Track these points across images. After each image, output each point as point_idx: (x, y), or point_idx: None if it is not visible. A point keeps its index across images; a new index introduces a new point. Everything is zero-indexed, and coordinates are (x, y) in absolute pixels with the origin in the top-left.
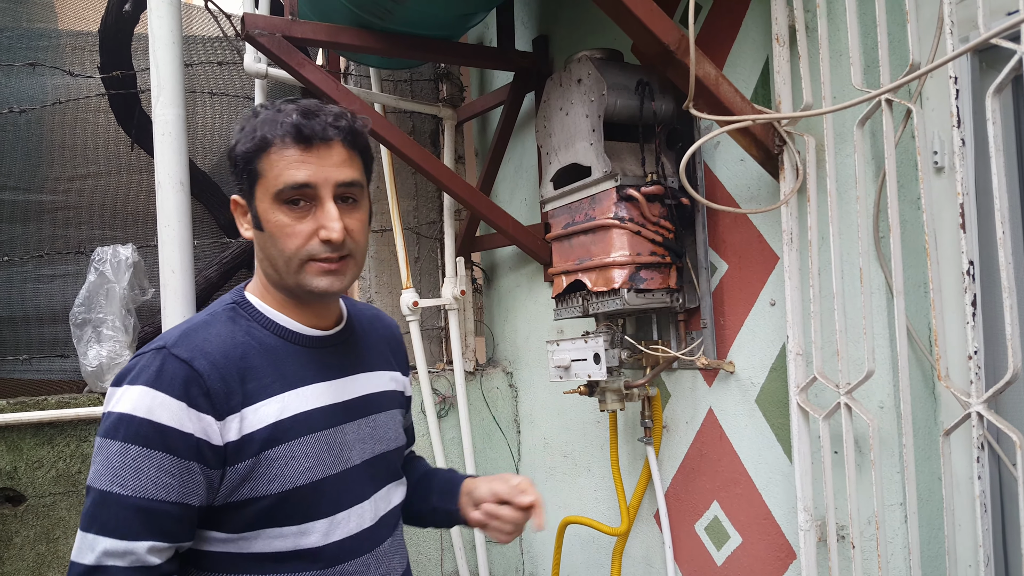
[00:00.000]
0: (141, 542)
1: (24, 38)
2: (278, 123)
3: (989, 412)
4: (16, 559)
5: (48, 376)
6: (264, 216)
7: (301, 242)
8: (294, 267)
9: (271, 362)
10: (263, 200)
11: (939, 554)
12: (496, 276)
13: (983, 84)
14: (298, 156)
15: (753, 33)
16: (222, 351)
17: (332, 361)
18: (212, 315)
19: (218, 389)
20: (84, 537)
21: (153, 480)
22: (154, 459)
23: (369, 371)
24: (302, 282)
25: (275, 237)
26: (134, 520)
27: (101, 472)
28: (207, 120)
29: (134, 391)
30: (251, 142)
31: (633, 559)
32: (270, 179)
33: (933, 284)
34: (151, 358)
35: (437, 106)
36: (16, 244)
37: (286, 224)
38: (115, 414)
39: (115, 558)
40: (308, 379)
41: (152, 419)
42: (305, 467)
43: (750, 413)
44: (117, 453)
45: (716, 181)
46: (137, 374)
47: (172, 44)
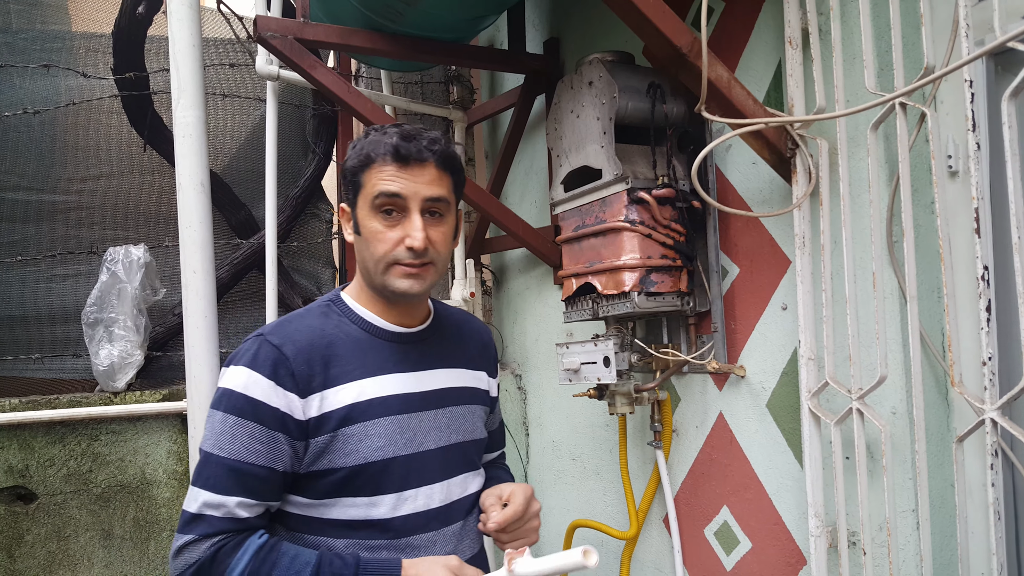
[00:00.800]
0: (232, 497)
1: (38, 40)
2: (381, 143)
3: (1003, 419)
4: (27, 556)
5: (60, 375)
6: (362, 222)
7: (389, 247)
8: (381, 268)
9: (355, 352)
10: (362, 208)
11: (951, 561)
12: (506, 278)
13: (999, 88)
14: (394, 172)
15: (765, 36)
16: (309, 339)
17: (413, 355)
18: (308, 310)
19: (302, 371)
20: (192, 490)
21: (245, 446)
22: (247, 428)
23: (451, 367)
24: (387, 283)
25: (368, 241)
26: (227, 478)
27: (207, 436)
28: (219, 122)
29: (235, 370)
30: (357, 158)
31: (642, 563)
32: (368, 189)
33: (947, 289)
34: (251, 343)
35: (448, 108)
36: (29, 244)
37: (378, 230)
38: (221, 388)
39: (211, 509)
40: (388, 369)
41: (247, 394)
42: (377, 445)
43: (761, 418)
44: (219, 421)
45: (728, 184)
46: (240, 356)
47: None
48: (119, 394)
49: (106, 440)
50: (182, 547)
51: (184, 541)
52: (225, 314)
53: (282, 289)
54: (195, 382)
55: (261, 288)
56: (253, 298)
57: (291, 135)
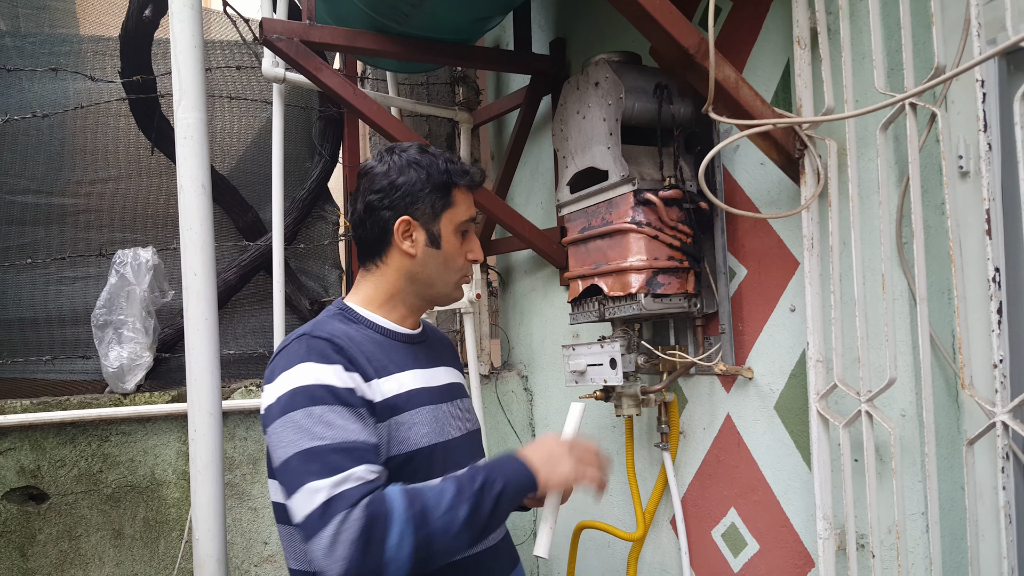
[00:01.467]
0: (355, 468)
1: (47, 43)
2: (460, 170)
3: (1014, 421)
4: (39, 556)
5: (70, 377)
6: (446, 238)
7: (463, 261)
8: (454, 281)
9: (381, 351)
10: (448, 225)
11: (961, 564)
12: (512, 280)
13: (1011, 87)
14: (471, 199)
15: (774, 36)
16: (346, 335)
17: (421, 355)
18: (327, 318)
19: (356, 359)
20: (303, 491)
21: (342, 427)
22: (334, 412)
23: (445, 365)
24: (454, 293)
25: (452, 256)
26: (341, 457)
27: (294, 440)
28: (226, 124)
29: (295, 370)
30: (439, 178)
31: (649, 565)
32: (460, 211)
33: (957, 291)
34: (297, 345)
35: (453, 110)
36: (39, 246)
37: (458, 247)
38: (286, 393)
39: (340, 486)
40: (410, 365)
41: (321, 383)
42: (423, 433)
43: (768, 420)
44: (303, 418)
45: (735, 185)
46: (290, 359)
47: (193, 48)
48: (128, 395)
49: (116, 441)
50: (335, 534)
51: (333, 527)
52: (233, 316)
53: (289, 291)
54: (195, 384)
55: (268, 290)
56: (260, 300)
57: (297, 137)
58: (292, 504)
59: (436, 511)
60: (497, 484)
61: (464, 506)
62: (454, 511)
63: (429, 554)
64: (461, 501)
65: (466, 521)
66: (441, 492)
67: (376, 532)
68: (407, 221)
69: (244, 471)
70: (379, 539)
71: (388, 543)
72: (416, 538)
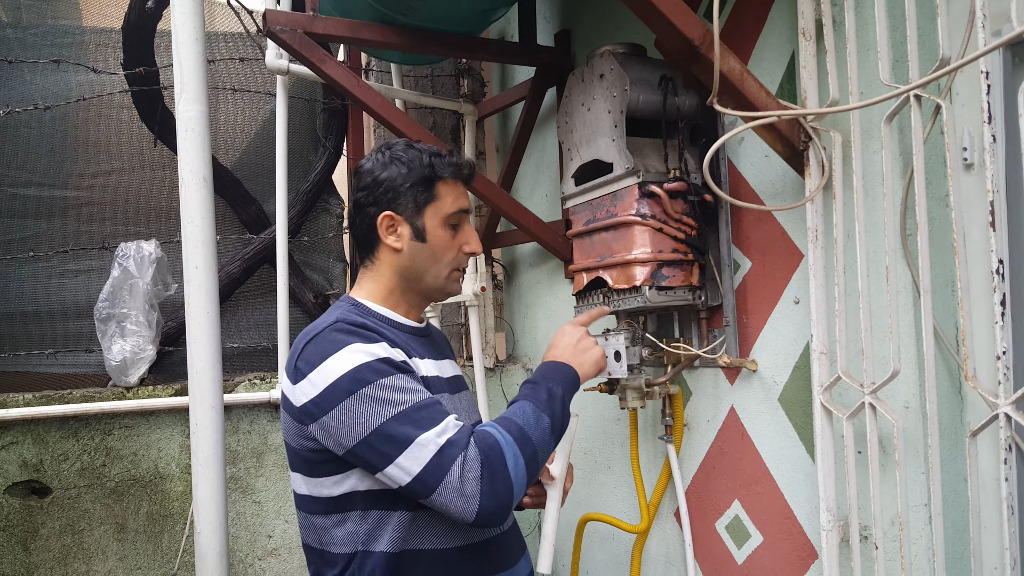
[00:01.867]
0: (446, 418)
1: (49, 35)
2: (445, 160)
3: (1017, 413)
4: (42, 550)
5: (73, 370)
6: (432, 231)
7: (455, 254)
8: (445, 274)
9: (397, 339)
10: (433, 219)
11: (964, 556)
12: (516, 272)
13: (1015, 79)
14: (463, 190)
15: (779, 27)
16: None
17: (428, 346)
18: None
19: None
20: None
21: (414, 389)
22: (402, 379)
23: (446, 358)
24: (447, 287)
25: (440, 249)
26: (430, 412)
27: (374, 412)
28: (229, 116)
29: (345, 352)
30: (420, 172)
31: (653, 557)
32: (446, 203)
33: (961, 283)
34: (331, 332)
35: (458, 102)
36: (41, 239)
37: (448, 239)
38: (347, 374)
39: (445, 433)
40: (422, 354)
41: (376, 357)
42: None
43: (773, 412)
44: (377, 391)
45: (740, 177)
46: (331, 346)
47: (195, 40)
48: (132, 389)
49: (119, 435)
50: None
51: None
52: (237, 309)
53: (293, 284)
54: (197, 378)
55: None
56: (264, 293)
57: (301, 129)
58: (395, 471)
59: (529, 428)
60: (557, 390)
61: (544, 416)
62: (540, 423)
63: (537, 464)
64: (541, 413)
65: (551, 428)
66: (523, 412)
67: (496, 463)
68: (389, 216)
69: (248, 464)
70: (500, 468)
71: (508, 468)
72: (525, 455)
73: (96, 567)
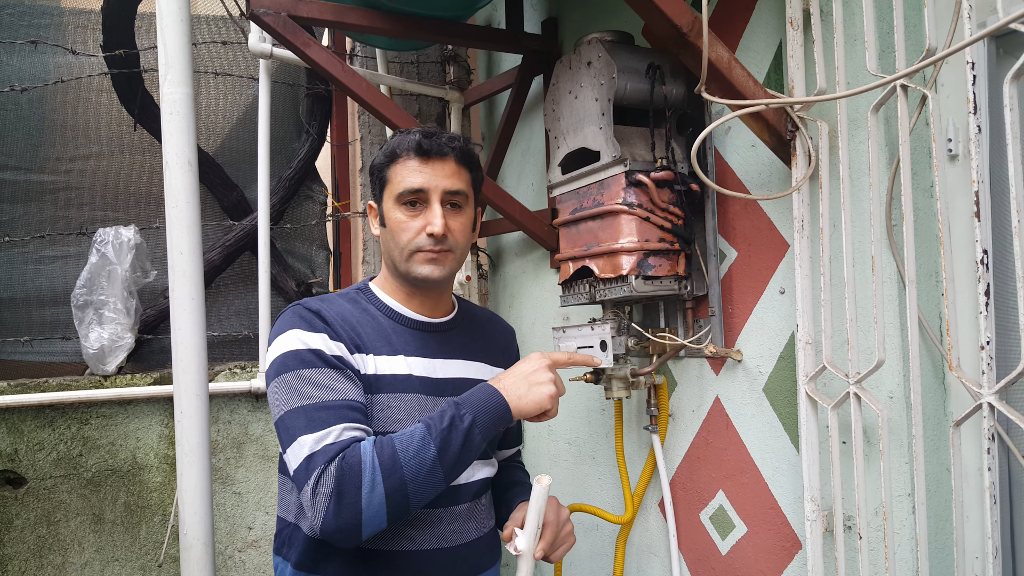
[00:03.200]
0: (335, 426)
1: (26, 15)
2: (404, 140)
3: (1001, 403)
4: (17, 541)
5: (49, 358)
6: (388, 215)
7: (412, 235)
8: (405, 256)
9: (379, 333)
10: (388, 201)
11: (947, 545)
12: (502, 262)
13: (1000, 70)
14: (417, 166)
15: (766, 16)
16: (340, 314)
17: (433, 344)
18: (335, 295)
19: (342, 333)
20: (292, 447)
21: (327, 387)
22: (322, 373)
23: (469, 360)
24: (410, 269)
25: (394, 231)
26: (326, 415)
27: (283, 400)
28: (211, 101)
29: (285, 336)
30: (384, 156)
31: (637, 547)
32: (395, 184)
33: (946, 273)
34: (289, 314)
35: (444, 89)
36: (17, 225)
37: (403, 220)
38: (278, 357)
39: (321, 441)
40: (409, 351)
41: (308, 347)
42: (397, 418)
43: (757, 402)
44: (292, 379)
45: (726, 167)
46: (282, 327)
47: (180, 21)
48: (109, 377)
49: (96, 424)
50: (315, 487)
51: (313, 481)
52: (217, 297)
53: (275, 271)
54: (182, 365)
55: (254, 270)
56: (246, 280)
57: (284, 115)
58: (285, 459)
59: (405, 455)
60: (466, 418)
61: (432, 446)
62: (423, 452)
63: (405, 496)
64: (429, 441)
65: (436, 460)
66: (411, 435)
67: (349, 484)
68: (370, 204)
69: (228, 455)
70: (351, 490)
71: (361, 492)
72: (387, 484)
73: (72, 559)
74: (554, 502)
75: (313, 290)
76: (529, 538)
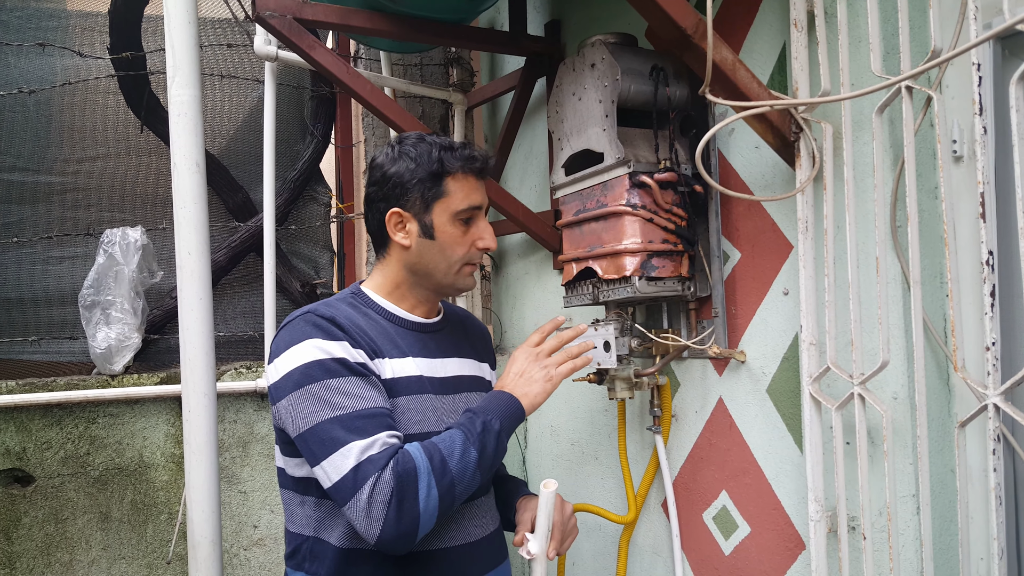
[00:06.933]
0: (378, 434)
1: (33, 18)
2: (455, 156)
3: (1006, 404)
4: (25, 539)
5: (57, 358)
6: (440, 228)
7: (466, 249)
8: (455, 268)
9: (385, 336)
10: (442, 215)
11: (951, 546)
12: (505, 263)
13: (1006, 72)
14: (476, 185)
15: (770, 18)
16: (350, 319)
17: (431, 344)
18: (335, 300)
19: (358, 338)
20: (332, 459)
21: (359, 396)
22: (351, 383)
23: (461, 357)
24: (456, 281)
25: (448, 244)
26: (365, 423)
27: (315, 410)
28: (216, 103)
29: (303, 346)
30: (429, 168)
31: (640, 548)
32: (455, 199)
33: (951, 274)
34: (301, 322)
35: (447, 91)
36: (25, 225)
37: (459, 235)
38: (299, 367)
39: (367, 451)
40: (415, 352)
41: (332, 356)
42: (415, 420)
43: (761, 403)
44: (321, 390)
45: (730, 168)
46: (296, 336)
47: (188, 24)
48: (116, 377)
49: (104, 423)
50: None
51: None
52: (223, 297)
53: (280, 273)
54: (190, 365)
55: (259, 271)
56: (251, 281)
57: (289, 117)
58: (320, 472)
59: (451, 459)
60: (494, 423)
61: (472, 450)
62: (466, 455)
63: (453, 498)
64: (469, 445)
65: (478, 462)
66: (452, 441)
67: (407, 490)
68: (397, 213)
69: (234, 454)
70: (411, 496)
71: (419, 497)
72: (440, 487)
73: (79, 556)
74: (558, 499)
75: (318, 291)
76: (541, 541)
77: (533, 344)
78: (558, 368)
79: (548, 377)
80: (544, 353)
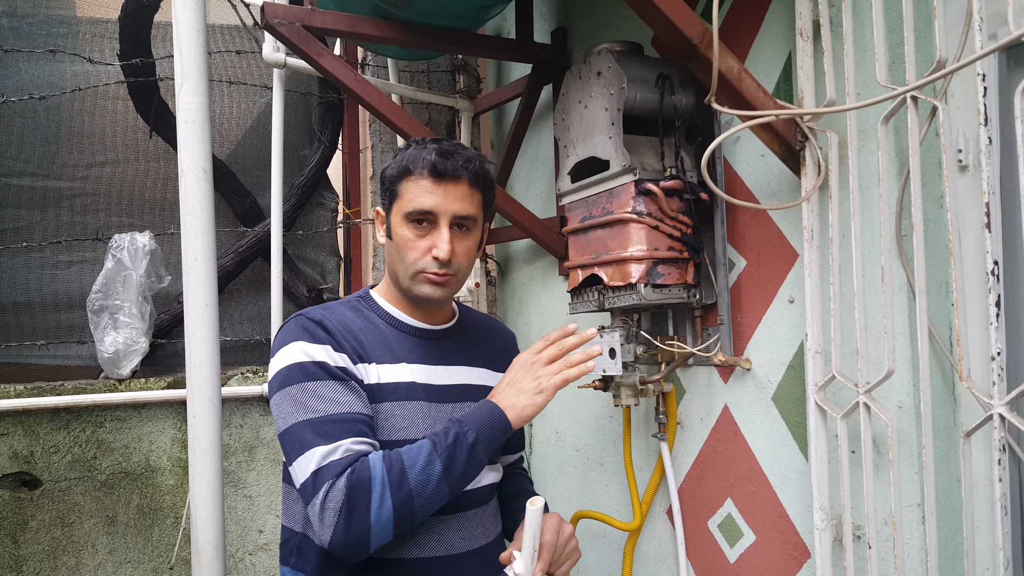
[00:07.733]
0: (344, 440)
1: (44, 25)
2: (420, 157)
3: (1011, 414)
4: (31, 542)
5: (65, 362)
6: (395, 229)
7: (418, 255)
8: (409, 274)
9: (380, 341)
10: (396, 216)
11: (957, 556)
12: (510, 269)
13: (1011, 82)
14: (430, 187)
15: (776, 27)
16: (342, 322)
17: (435, 351)
18: (337, 304)
19: (344, 343)
20: (299, 461)
21: (333, 400)
22: (327, 386)
23: (470, 366)
24: (412, 288)
25: (400, 247)
26: (332, 428)
27: (291, 411)
28: (225, 109)
29: (289, 348)
30: (396, 168)
31: (645, 555)
32: (405, 201)
33: (956, 284)
34: (292, 325)
35: (454, 98)
36: (34, 230)
37: (410, 239)
38: (283, 369)
39: (329, 456)
40: (412, 359)
41: (313, 359)
42: (401, 426)
43: (766, 411)
44: (297, 392)
45: (736, 176)
46: (285, 339)
47: (196, 32)
48: (124, 381)
49: (111, 427)
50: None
51: (321, 496)
52: (230, 302)
53: (287, 278)
54: (195, 370)
55: (266, 276)
56: (258, 286)
57: (297, 123)
58: (292, 473)
59: (411, 471)
60: (469, 435)
61: (438, 462)
62: (429, 467)
63: (411, 512)
64: (435, 457)
65: (442, 474)
66: (418, 451)
67: (358, 500)
68: (377, 211)
69: (240, 459)
70: (362, 505)
71: (371, 507)
72: (396, 499)
73: (86, 560)
74: (554, 520)
75: (325, 296)
76: (526, 561)
77: (535, 352)
78: (551, 379)
79: (539, 388)
80: (542, 362)
